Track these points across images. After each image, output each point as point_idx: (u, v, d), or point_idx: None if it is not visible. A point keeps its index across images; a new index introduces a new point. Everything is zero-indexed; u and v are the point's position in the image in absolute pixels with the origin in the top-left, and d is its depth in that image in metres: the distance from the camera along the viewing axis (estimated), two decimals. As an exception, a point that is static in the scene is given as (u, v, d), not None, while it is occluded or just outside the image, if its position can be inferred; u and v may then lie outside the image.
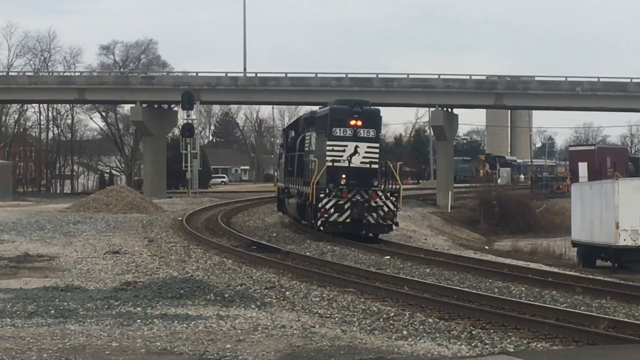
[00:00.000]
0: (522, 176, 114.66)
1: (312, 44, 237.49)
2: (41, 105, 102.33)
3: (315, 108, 41.85)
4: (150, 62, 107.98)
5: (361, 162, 33.98)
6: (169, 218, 45.16)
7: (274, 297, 19.72)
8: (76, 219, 43.06)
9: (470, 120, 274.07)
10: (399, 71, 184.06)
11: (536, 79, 74.45)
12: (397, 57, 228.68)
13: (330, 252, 30.27)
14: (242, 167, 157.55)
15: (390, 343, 14.53)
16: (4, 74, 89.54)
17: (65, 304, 18.03)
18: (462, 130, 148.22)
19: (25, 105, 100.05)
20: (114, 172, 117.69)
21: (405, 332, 15.60)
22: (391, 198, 34.15)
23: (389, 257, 29.03)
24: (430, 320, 16.74)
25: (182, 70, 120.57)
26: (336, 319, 16.99)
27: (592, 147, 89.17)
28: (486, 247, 45.35)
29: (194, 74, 78.13)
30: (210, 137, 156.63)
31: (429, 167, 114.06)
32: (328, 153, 34.04)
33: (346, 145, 33.98)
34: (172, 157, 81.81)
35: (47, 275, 23.53)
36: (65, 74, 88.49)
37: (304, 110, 75.69)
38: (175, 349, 13.59)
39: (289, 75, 74.62)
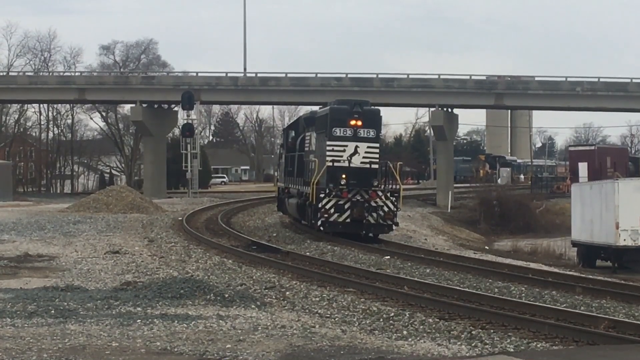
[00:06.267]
0: (522, 176, 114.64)
1: (312, 44, 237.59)
2: (41, 105, 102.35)
3: (315, 108, 41.85)
4: (151, 62, 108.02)
5: (361, 162, 33.98)
6: (169, 218, 45.15)
7: (274, 297, 19.72)
8: (76, 219, 43.05)
9: (470, 120, 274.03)
10: (400, 71, 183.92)
11: (536, 79, 74.45)
12: (398, 57, 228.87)
13: (330, 252, 30.26)
14: (242, 167, 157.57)
15: (390, 343, 14.52)
16: (4, 74, 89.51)
17: (65, 304, 18.04)
18: (462, 130, 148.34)
19: (25, 105, 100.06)
20: (114, 172, 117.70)
21: (405, 332, 15.60)
22: (391, 198, 34.14)
23: (389, 257, 29.03)
24: (430, 320, 16.74)
25: (182, 70, 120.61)
26: (336, 319, 16.99)
27: (592, 147, 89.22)
28: (486, 247, 45.32)
29: (194, 74, 78.16)
30: (211, 137, 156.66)
31: (429, 167, 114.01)
32: (328, 153, 34.04)
33: (346, 145, 33.98)
34: (172, 157, 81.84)
35: (47, 275, 23.53)
36: (65, 74, 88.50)
37: (304, 110, 75.67)
38: (175, 349, 13.59)
39: (289, 75, 74.63)
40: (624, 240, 35.27)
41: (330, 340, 14.41)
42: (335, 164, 33.87)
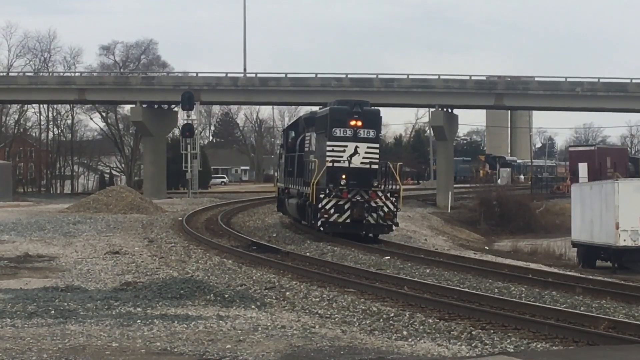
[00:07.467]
0: (522, 176, 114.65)
1: (312, 44, 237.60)
2: (41, 105, 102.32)
3: (315, 108, 41.86)
4: (151, 63, 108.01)
5: (361, 163, 34.00)
6: (169, 218, 45.17)
7: (274, 297, 19.73)
8: (76, 219, 43.05)
9: (470, 121, 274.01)
10: (400, 71, 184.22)
11: (536, 79, 74.42)
12: (398, 57, 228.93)
13: (330, 253, 30.27)
14: (242, 168, 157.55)
15: (390, 343, 14.52)
16: (4, 74, 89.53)
17: (65, 304, 18.04)
18: (462, 130, 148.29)
19: (25, 105, 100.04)
20: (114, 172, 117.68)
21: (405, 333, 15.60)
22: (391, 198, 34.16)
23: (389, 257, 29.04)
24: (430, 320, 16.75)
25: (182, 70, 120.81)
26: (336, 319, 16.99)
27: (592, 148, 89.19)
28: (486, 248, 45.33)
29: (194, 74, 78.12)
30: (211, 138, 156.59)
31: (429, 168, 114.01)
32: (328, 153, 34.05)
33: (346, 146, 34.00)
34: (172, 158, 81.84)
35: (47, 275, 23.54)
36: (65, 74, 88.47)
37: (303, 110, 75.67)
38: (175, 349, 13.60)
39: (289, 75, 74.61)
40: (624, 240, 35.27)
41: (330, 341, 14.42)
42: (335, 164, 33.89)
